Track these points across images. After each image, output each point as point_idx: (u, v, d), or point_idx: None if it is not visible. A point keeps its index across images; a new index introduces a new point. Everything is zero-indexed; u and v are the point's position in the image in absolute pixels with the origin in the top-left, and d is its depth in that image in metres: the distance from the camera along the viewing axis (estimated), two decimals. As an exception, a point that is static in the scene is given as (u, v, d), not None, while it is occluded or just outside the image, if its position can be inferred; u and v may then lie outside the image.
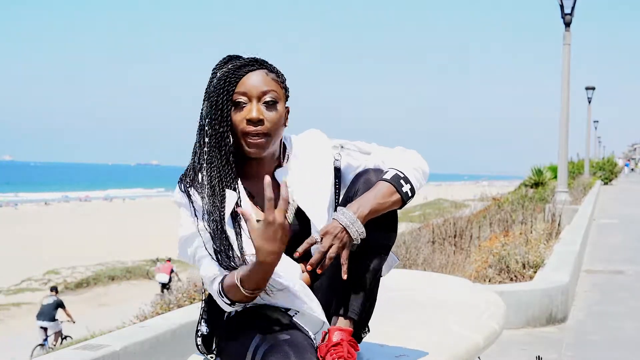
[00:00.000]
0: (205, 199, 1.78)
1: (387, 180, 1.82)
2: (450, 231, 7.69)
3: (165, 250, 25.26)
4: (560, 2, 13.70)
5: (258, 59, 1.86)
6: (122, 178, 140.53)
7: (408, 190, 1.82)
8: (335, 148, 1.97)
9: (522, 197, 15.43)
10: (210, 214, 1.77)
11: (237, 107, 1.80)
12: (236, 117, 1.80)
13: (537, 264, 5.73)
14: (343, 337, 1.76)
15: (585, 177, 28.51)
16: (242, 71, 1.81)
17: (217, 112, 1.79)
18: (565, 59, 13.92)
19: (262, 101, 1.81)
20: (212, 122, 1.80)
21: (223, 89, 1.79)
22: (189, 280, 6.94)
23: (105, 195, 73.98)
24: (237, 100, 1.80)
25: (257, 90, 1.80)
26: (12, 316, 18.47)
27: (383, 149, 1.96)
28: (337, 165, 1.96)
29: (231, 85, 1.79)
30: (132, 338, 3.03)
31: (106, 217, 43.78)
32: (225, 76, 1.80)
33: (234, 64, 1.82)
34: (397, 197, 1.81)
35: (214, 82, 1.82)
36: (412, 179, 1.84)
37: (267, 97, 1.81)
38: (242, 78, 1.80)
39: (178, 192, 1.83)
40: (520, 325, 4.82)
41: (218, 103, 1.79)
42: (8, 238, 30.99)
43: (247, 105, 1.80)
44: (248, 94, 1.80)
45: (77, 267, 24.65)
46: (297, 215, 1.89)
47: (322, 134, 2.00)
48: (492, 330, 2.39)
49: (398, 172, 1.83)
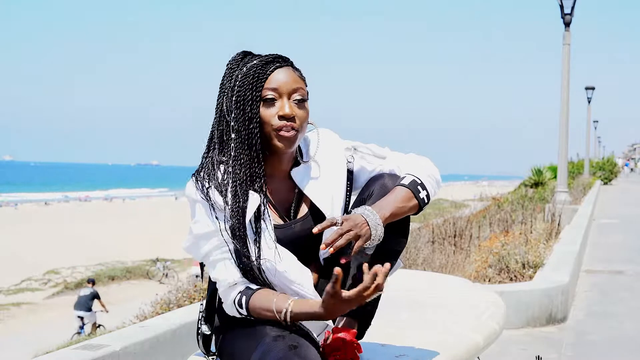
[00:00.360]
0: (229, 198, 1.74)
1: (405, 185, 1.81)
2: (450, 231, 7.69)
3: (166, 250, 25.29)
4: (560, 2, 13.70)
5: (282, 55, 1.83)
6: (122, 178, 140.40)
7: (425, 197, 1.82)
8: (348, 150, 1.95)
9: (522, 197, 15.44)
10: (233, 216, 1.74)
11: (266, 103, 1.77)
12: (266, 113, 1.76)
13: (537, 264, 5.73)
14: (347, 339, 1.75)
15: (585, 177, 28.52)
16: (270, 67, 1.78)
17: (247, 108, 1.75)
18: (565, 59, 13.93)
19: (292, 99, 1.79)
20: (239, 119, 1.75)
21: (252, 84, 1.75)
22: (189, 280, 6.93)
23: (105, 195, 73.92)
24: (267, 96, 1.76)
25: (288, 87, 1.78)
26: (12, 316, 18.45)
27: (397, 154, 1.95)
28: (350, 168, 1.94)
29: (260, 81, 1.76)
30: (132, 338, 3.02)
31: (106, 217, 43.75)
32: (253, 71, 1.76)
33: (260, 59, 1.79)
34: (414, 203, 1.80)
35: (240, 77, 1.77)
36: (428, 186, 1.84)
37: (297, 94, 1.79)
38: (271, 74, 1.77)
39: (193, 187, 1.77)
40: (520, 325, 4.82)
41: (247, 99, 1.75)
42: (8, 238, 30.98)
43: (278, 102, 1.77)
44: (278, 90, 1.77)
45: (77, 267, 24.65)
46: (313, 214, 1.88)
47: (334, 134, 1.97)
48: (492, 330, 2.39)
49: (415, 178, 1.83)
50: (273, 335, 1.69)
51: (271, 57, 1.80)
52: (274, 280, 1.77)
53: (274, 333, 1.70)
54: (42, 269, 24.11)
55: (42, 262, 24.70)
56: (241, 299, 1.74)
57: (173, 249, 25.58)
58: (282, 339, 1.68)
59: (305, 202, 1.89)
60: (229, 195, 1.75)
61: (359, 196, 1.90)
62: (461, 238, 7.65)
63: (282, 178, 1.86)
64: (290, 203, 1.88)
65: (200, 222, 1.77)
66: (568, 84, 14.04)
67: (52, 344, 11.03)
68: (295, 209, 1.88)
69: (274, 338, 1.68)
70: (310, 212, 1.88)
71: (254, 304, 1.72)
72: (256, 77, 1.76)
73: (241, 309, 1.74)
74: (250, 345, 1.72)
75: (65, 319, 16.67)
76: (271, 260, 1.75)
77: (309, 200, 1.88)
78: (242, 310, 1.74)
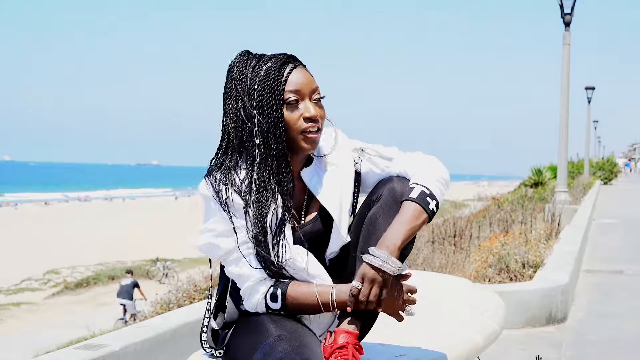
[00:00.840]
0: (252, 201, 1.74)
1: (414, 200, 1.77)
2: (450, 231, 7.69)
3: (166, 250, 25.29)
4: (560, 2, 13.70)
5: (291, 54, 1.82)
6: (122, 178, 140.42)
7: (434, 207, 1.80)
8: (355, 151, 1.94)
9: (522, 197, 15.45)
10: (258, 220, 1.74)
11: (290, 106, 1.76)
12: (290, 116, 1.76)
13: (536, 264, 5.73)
14: (349, 340, 1.75)
15: (585, 177, 28.51)
16: (286, 68, 1.76)
17: (272, 113, 1.73)
18: (565, 59, 13.93)
19: (313, 99, 1.79)
20: (263, 123, 1.73)
21: (273, 88, 1.74)
22: (189, 280, 6.93)
23: (105, 195, 73.88)
24: (290, 99, 1.75)
25: (309, 88, 1.78)
26: (12, 316, 18.46)
27: (404, 154, 1.92)
28: (357, 170, 1.93)
29: (280, 84, 1.75)
30: (132, 338, 3.02)
31: (106, 217, 43.74)
32: (272, 74, 1.75)
33: (273, 60, 1.77)
34: (424, 217, 1.78)
35: (258, 80, 1.75)
36: (437, 194, 1.81)
37: (316, 94, 1.80)
38: (289, 76, 1.76)
39: (208, 186, 1.77)
40: (520, 325, 4.82)
41: (269, 103, 1.73)
42: (8, 238, 30.97)
43: (301, 104, 1.77)
44: (300, 92, 1.77)
45: (77, 267, 24.66)
46: (322, 216, 1.88)
47: (341, 133, 1.96)
48: (492, 330, 2.39)
49: (424, 188, 1.79)
50: (276, 335, 1.69)
51: (284, 58, 1.79)
52: (296, 276, 1.79)
53: (277, 332, 1.70)
54: (42, 269, 24.12)
55: (42, 262, 24.71)
56: (275, 291, 1.76)
57: (173, 249, 25.60)
58: (285, 338, 1.68)
59: (314, 203, 1.90)
60: (252, 197, 1.75)
61: (368, 198, 1.90)
62: (461, 238, 7.65)
63: (294, 179, 1.86)
64: (301, 204, 1.89)
65: (218, 221, 1.77)
66: (568, 84, 14.04)
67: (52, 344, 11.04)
68: (306, 210, 1.89)
69: (276, 338, 1.68)
70: (320, 214, 1.89)
71: (293, 294, 1.75)
72: (276, 79, 1.74)
73: (274, 303, 1.76)
74: (252, 344, 1.72)
75: (65, 318, 16.70)
76: (292, 259, 1.77)
77: (318, 202, 1.89)
78: (276, 304, 1.75)
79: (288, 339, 1.67)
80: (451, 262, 6.56)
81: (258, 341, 1.71)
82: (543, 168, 24.31)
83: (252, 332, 1.76)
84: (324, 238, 1.87)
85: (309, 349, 1.67)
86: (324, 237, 1.87)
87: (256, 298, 1.78)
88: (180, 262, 24.71)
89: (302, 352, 1.63)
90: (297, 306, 1.76)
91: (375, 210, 1.83)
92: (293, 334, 1.71)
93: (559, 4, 13.72)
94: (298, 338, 1.69)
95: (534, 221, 8.63)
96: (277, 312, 1.77)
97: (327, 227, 1.88)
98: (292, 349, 1.63)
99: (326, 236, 1.88)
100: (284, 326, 1.74)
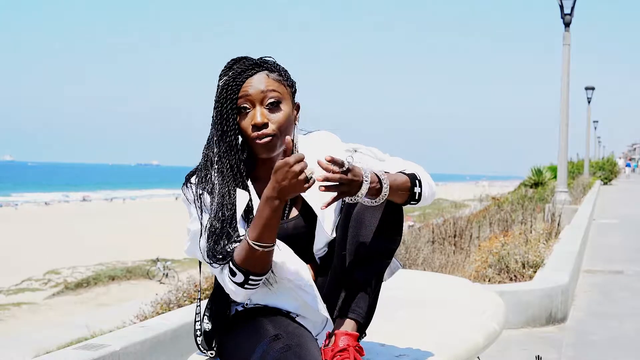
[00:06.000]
0: (215, 197, 1.80)
1: (406, 174, 1.83)
2: (450, 231, 7.69)
3: (166, 250, 25.29)
4: (560, 2, 13.70)
5: (258, 61, 1.86)
6: (122, 178, 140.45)
7: (417, 193, 1.83)
8: (348, 151, 1.96)
9: (521, 197, 15.45)
10: (219, 212, 1.79)
11: (243, 113, 1.82)
12: (243, 124, 1.83)
13: (536, 264, 5.73)
14: (349, 343, 1.75)
15: (585, 177, 28.49)
16: (242, 77, 1.82)
17: (224, 122, 1.82)
18: (565, 59, 13.92)
19: (265, 104, 1.82)
20: (219, 131, 1.82)
21: (226, 98, 1.82)
22: (189, 280, 6.94)
23: (105, 196, 73.92)
24: (242, 106, 1.82)
25: (258, 94, 1.82)
26: (12, 316, 18.46)
27: (397, 159, 1.95)
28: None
29: (234, 94, 1.82)
30: (132, 338, 3.02)
31: (106, 217, 43.76)
32: (227, 85, 1.82)
33: (235, 70, 1.84)
34: (407, 190, 1.81)
35: (219, 89, 1.84)
36: (425, 188, 1.85)
37: (268, 99, 1.82)
38: (242, 84, 1.82)
39: (185, 189, 1.85)
40: (520, 325, 4.82)
41: (223, 113, 1.82)
42: (8, 238, 30.98)
43: (251, 111, 1.82)
44: (250, 99, 1.82)
45: (77, 267, 24.65)
46: (305, 213, 1.90)
47: (334, 137, 1.99)
48: (492, 330, 2.39)
49: (416, 175, 1.85)
50: (272, 335, 1.70)
51: (246, 66, 1.84)
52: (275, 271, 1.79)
53: (273, 332, 1.71)
54: (42, 269, 24.11)
55: (42, 262, 24.71)
56: (231, 266, 1.75)
57: (173, 249, 25.57)
58: (281, 338, 1.68)
59: (298, 201, 1.92)
60: (215, 196, 1.81)
61: None
62: (461, 238, 7.65)
63: None
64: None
65: (195, 221, 1.82)
66: (568, 84, 14.03)
67: (52, 344, 11.05)
68: (289, 209, 1.91)
69: (272, 338, 1.69)
70: (303, 212, 1.90)
71: (238, 256, 1.73)
72: (230, 90, 1.82)
73: (234, 277, 1.74)
74: (249, 344, 1.73)
75: (65, 318, 16.70)
76: None
77: (301, 199, 1.90)
78: (239, 276, 1.74)
79: (285, 339, 1.68)
80: (451, 262, 6.57)
81: (254, 342, 1.71)
82: (543, 168, 24.28)
83: (249, 333, 1.77)
84: (310, 236, 1.88)
85: (305, 349, 1.67)
86: (309, 235, 1.88)
87: (227, 284, 1.78)
88: (180, 262, 24.71)
89: (299, 352, 1.64)
90: (248, 261, 1.72)
91: (361, 207, 1.84)
92: (290, 334, 1.72)
93: (559, 4, 13.72)
94: (295, 338, 1.70)
95: (534, 221, 8.62)
96: (251, 282, 1.75)
97: (312, 224, 1.90)
98: (289, 348, 1.64)
99: (312, 234, 1.89)
100: (280, 326, 1.75)
